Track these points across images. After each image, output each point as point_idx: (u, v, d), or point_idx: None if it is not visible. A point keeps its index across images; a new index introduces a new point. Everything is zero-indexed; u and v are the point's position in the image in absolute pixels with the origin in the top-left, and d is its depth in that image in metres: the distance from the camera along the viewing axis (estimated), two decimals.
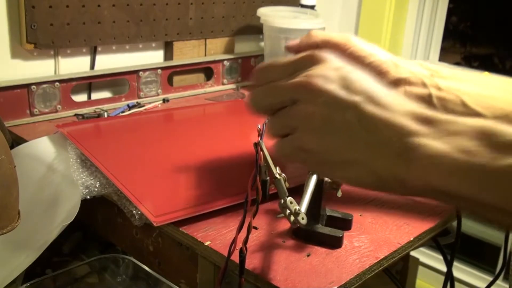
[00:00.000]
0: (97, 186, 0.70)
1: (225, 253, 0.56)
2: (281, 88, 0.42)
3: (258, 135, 0.54)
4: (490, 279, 1.55)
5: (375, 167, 0.39)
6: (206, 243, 0.58)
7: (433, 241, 0.91)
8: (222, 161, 0.80)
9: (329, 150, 0.40)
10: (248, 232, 0.49)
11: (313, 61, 0.42)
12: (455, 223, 0.78)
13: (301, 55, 0.43)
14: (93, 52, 1.07)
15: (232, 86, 1.27)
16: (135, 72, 1.09)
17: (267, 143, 0.52)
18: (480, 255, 1.67)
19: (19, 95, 0.94)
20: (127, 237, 0.73)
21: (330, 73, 0.40)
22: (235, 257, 0.56)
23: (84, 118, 0.98)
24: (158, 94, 1.13)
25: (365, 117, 0.38)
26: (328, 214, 0.63)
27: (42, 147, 0.81)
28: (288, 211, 0.51)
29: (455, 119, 0.37)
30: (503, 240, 1.58)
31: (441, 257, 0.95)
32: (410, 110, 0.38)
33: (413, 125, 0.37)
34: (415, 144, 0.37)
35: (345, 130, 0.39)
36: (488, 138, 0.35)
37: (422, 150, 0.36)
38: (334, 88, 0.39)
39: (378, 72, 0.41)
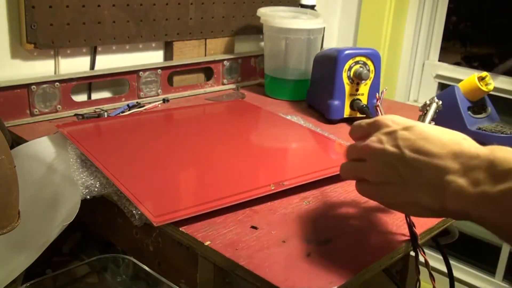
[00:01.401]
0: (97, 186, 0.70)
1: (225, 253, 0.56)
2: (356, 148, 0.58)
3: (377, 100, 0.73)
4: (490, 279, 1.56)
5: (427, 204, 0.51)
6: (206, 243, 0.58)
7: (433, 241, 0.91)
8: (222, 161, 0.80)
9: (391, 197, 0.54)
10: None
11: (377, 126, 0.56)
12: (455, 223, 0.78)
13: (370, 121, 0.58)
14: (93, 52, 1.07)
15: (232, 86, 1.27)
16: (135, 72, 1.09)
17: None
18: (480, 255, 1.67)
19: (19, 95, 0.94)
20: (127, 237, 0.74)
21: (383, 137, 0.54)
22: (235, 257, 0.56)
23: (84, 118, 0.98)
24: (158, 94, 1.13)
25: (410, 164, 0.51)
26: None
27: (42, 147, 0.81)
28: None
29: (477, 152, 0.48)
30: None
31: (441, 257, 0.95)
32: (448, 150, 0.49)
33: (448, 163, 0.49)
34: (447, 181, 0.48)
35: (398, 179, 0.52)
36: (492, 168, 0.46)
37: (451, 186, 0.48)
38: (386, 147, 0.53)
39: None
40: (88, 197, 0.69)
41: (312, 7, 1.29)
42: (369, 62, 1.02)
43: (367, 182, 0.56)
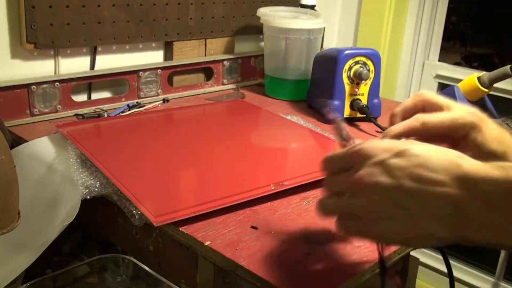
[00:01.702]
0: (97, 186, 0.70)
1: (226, 253, 0.56)
2: (341, 183, 0.50)
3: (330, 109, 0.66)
4: (490, 279, 1.55)
5: (443, 236, 0.44)
6: (206, 243, 0.58)
7: None
8: (222, 161, 0.80)
9: (395, 233, 0.46)
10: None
11: (362, 156, 0.48)
12: None
13: (352, 150, 0.49)
14: (93, 52, 1.07)
15: (232, 86, 1.27)
16: (135, 72, 1.09)
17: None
18: (480, 255, 1.67)
19: (19, 95, 0.94)
20: (127, 237, 0.73)
21: (374, 169, 0.46)
22: (235, 257, 0.56)
23: (84, 118, 0.98)
24: (158, 94, 1.13)
25: (413, 196, 0.44)
26: None
27: (42, 147, 0.81)
28: None
29: (486, 175, 0.42)
30: None
31: (441, 257, 0.95)
32: (451, 174, 0.44)
33: (457, 191, 0.43)
34: (466, 213, 0.42)
35: (402, 213, 0.45)
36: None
37: (474, 217, 0.42)
38: (379, 181, 0.46)
39: None
40: (88, 197, 0.69)
41: (312, 7, 1.29)
42: (369, 62, 1.02)
43: (357, 218, 0.48)
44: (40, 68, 1.00)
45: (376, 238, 0.49)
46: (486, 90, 0.97)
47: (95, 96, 1.09)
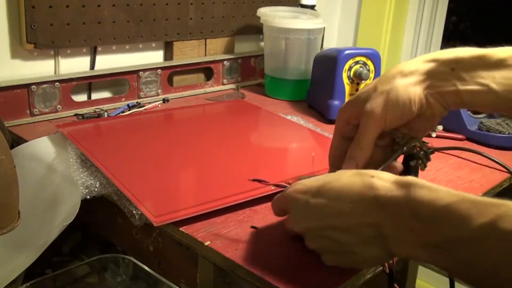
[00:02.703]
0: (97, 186, 0.70)
1: (225, 253, 0.56)
2: (290, 228, 0.57)
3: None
4: None
5: (377, 255, 0.48)
6: (206, 243, 0.58)
7: None
8: (222, 161, 0.80)
9: (338, 262, 0.52)
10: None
11: (289, 201, 0.54)
12: None
13: (282, 196, 0.56)
14: (93, 52, 1.07)
15: (232, 86, 1.27)
16: (135, 72, 1.09)
17: None
18: None
19: (19, 95, 0.94)
20: (127, 237, 0.73)
21: (299, 213, 0.53)
22: (235, 257, 0.56)
23: (84, 118, 0.98)
24: (158, 94, 1.13)
25: (338, 229, 0.49)
26: None
27: (42, 147, 0.81)
28: None
29: (392, 196, 0.45)
30: None
31: None
32: (365, 201, 0.47)
33: (373, 218, 0.46)
34: (384, 235, 0.46)
35: (335, 245, 0.50)
36: (419, 215, 0.43)
37: (390, 239, 0.46)
38: (307, 224, 0.52)
39: None
40: (88, 197, 0.69)
41: (312, 7, 1.29)
42: (369, 62, 1.02)
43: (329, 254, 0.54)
44: (40, 68, 1.00)
45: (330, 266, 0.53)
46: None
47: (95, 96, 1.09)
